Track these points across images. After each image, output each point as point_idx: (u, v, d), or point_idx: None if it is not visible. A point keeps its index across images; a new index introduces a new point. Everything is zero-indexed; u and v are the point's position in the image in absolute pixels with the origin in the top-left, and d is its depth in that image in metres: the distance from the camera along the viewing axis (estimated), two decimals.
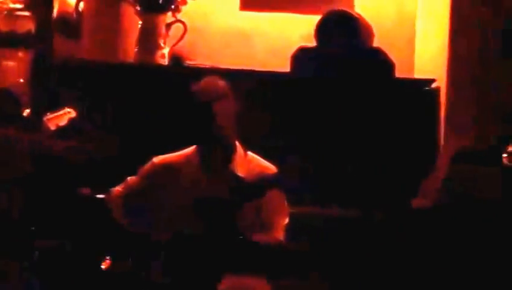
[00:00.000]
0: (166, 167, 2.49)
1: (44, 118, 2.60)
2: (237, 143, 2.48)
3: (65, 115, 2.67)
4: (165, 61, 3.17)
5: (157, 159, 2.51)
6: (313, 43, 3.14)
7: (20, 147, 2.48)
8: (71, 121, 2.63)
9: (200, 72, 2.85)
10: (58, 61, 3.10)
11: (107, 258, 2.17)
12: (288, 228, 2.43)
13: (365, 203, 2.78)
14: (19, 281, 2.22)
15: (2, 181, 2.38)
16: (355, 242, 2.70)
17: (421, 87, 3.02)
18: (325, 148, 2.90)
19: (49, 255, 2.25)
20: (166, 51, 3.17)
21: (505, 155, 2.40)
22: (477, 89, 2.84)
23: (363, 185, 2.84)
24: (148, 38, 3.14)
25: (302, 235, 2.60)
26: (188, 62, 3.27)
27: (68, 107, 2.69)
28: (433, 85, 3.03)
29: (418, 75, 3.27)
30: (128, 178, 2.51)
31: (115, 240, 2.28)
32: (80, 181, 2.61)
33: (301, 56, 3.07)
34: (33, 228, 2.30)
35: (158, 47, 3.14)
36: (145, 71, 3.11)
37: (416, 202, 2.62)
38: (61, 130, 2.58)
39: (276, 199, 2.40)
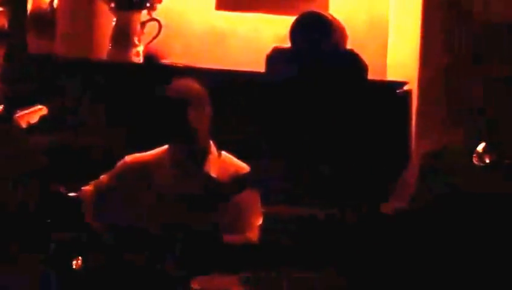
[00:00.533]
0: (138, 165, 2.48)
1: (16, 115, 2.58)
2: (211, 143, 2.49)
3: (36, 112, 2.64)
4: (140, 60, 3.17)
5: (129, 158, 2.51)
6: (287, 44, 3.16)
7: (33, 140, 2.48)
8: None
9: (174, 71, 2.86)
10: (32, 57, 3.08)
11: (79, 258, 2.16)
12: (263, 228, 2.45)
13: (338, 204, 2.81)
14: (36, 274, 2.21)
15: (17, 174, 2.37)
16: (329, 242, 2.72)
17: (393, 90, 3.07)
18: (299, 149, 2.92)
19: (65, 247, 2.24)
20: (140, 49, 3.17)
21: (474, 155, 2.45)
22: (447, 92, 2.88)
23: (335, 186, 2.87)
24: (123, 36, 3.13)
25: (276, 235, 2.62)
26: (163, 61, 3.27)
27: (40, 104, 2.67)
28: (405, 88, 3.08)
29: (390, 78, 3.31)
30: (101, 177, 2.51)
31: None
32: (53, 178, 2.59)
33: (276, 56, 3.09)
34: (49, 221, 2.29)
35: (132, 45, 3.13)
36: (119, 69, 3.09)
37: (391, 205, 2.65)
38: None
39: (249, 199, 2.42)
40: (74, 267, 2.16)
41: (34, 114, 2.62)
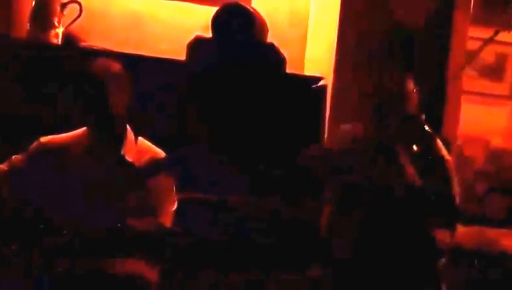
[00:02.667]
0: (53, 147, 2.45)
1: None
2: (128, 128, 2.49)
3: None
4: (58, 41, 3.12)
5: (44, 139, 2.48)
6: (209, 34, 3.20)
7: None
8: None
9: (93, 54, 2.83)
10: None
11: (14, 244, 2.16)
12: (177, 214, 2.48)
13: (253, 193, 2.87)
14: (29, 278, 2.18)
15: None
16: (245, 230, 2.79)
17: (309, 84, 3.15)
18: (216, 137, 2.96)
19: (58, 251, 2.21)
20: (60, 30, 3.12)
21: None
22: (361, 89, 2.98)
23: (251, 175, 2.92)
24: (42, 16, 3.07)
25: (191, 222, 2.66)
26: (82, 44, 3.24)
27: None
28: (321, 83, 3.17)
29: (308, 72, 3.41)
30: (13, 157, 2.47)
31: None
32: None
33: (197, 45, 3.12)
34: (42, 226, 2.26)
35: (52, 26, 3.08)
36: (37, 49, 3.04)
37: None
38: None
39: (164, 185, 2.44)
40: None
41: None
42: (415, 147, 2.31)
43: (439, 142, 2.44)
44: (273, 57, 3.13)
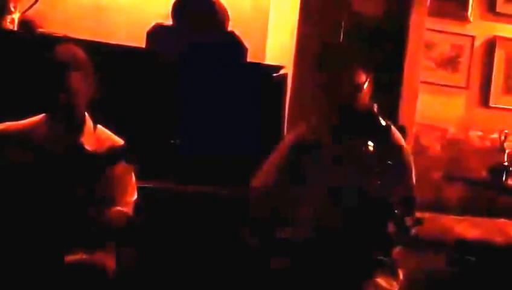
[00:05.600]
0: (8, 135, 2.41)
1: None
2: (87, 116, 2.47)
3: None
4: (14, 27, 3.07)
5: (0, 126, 2.44)
6: (170, 22, 3.18)
7: None
8: None
9: (51, 40, 2.79)
10: None
11: None
12: (138, 203, 2.47)
13: (215, 182, 2.87)
14: None
15: None
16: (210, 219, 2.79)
17: (270, 73, 3.16)
18: (177, 126, 2.95)
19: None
20: (16, 16, 3.06)
21: None
22: (319, 79, 3.00)
23: (212, 164, 2.92)
24: None
25: (154, 211, 2.65)
26: (39, 30, 3.18)
27: None
28: (281, 72, 3.20)
29: (269, 61, 3.42)
30: None
31: None
32: None
33: (157, 33, 3.10)
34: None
35: (7, 11, 3.02)
36: None
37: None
38: None
39: (123, 174, 2.42)
40: None
41: None
42: (370, 143, 2.32)
43: (395, 132, 2.46)
44: (233, 46, 3.13)
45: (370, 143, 2.31)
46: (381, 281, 2.33)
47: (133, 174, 2.47)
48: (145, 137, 2.27)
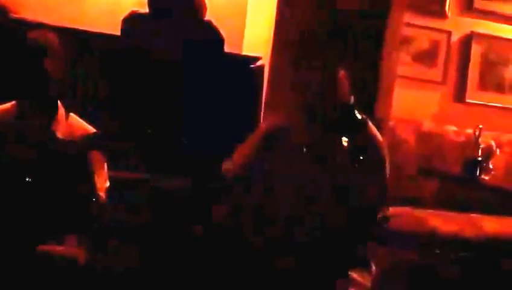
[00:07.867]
0: None
1: None
2: (59, 104, 2.44)
3: None
4: None
5: None
6: (146, 10, 3.14)
7: None
8: None
9: (25, 26, 2.74)
10: None
11: None
12: (111, 192, 2.45)
13: (190, 173, 2.85)
14: None
15: None
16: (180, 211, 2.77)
17: (247, 64, 3.16)
18: (151, 115, 2.93)
19: None
20: None
21: None
22: (296, 72, 3.00)
23: (188, 154, 2.91)
24: None
25: (125, 201, 2.63)
26: (13, 15, 3.13)
27: None
28: (258, 63, 3.19)
29: (246, 52, 3.41)
30: None
31: None
32: None
33: (132, 20, 3.07)
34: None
35: None
36: None
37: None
38: None
39: (95, 162, 2.41)
40: None
41: None
42: (345, 138, 2.32)
43: (371, 126, 2.46)
44: (210, 35, 3.11)
45: (344, 138, 2.31)
46: (353, 274, 2.34)
47: (105, 162, 2.45)
48: (118, 126, 2.25)
